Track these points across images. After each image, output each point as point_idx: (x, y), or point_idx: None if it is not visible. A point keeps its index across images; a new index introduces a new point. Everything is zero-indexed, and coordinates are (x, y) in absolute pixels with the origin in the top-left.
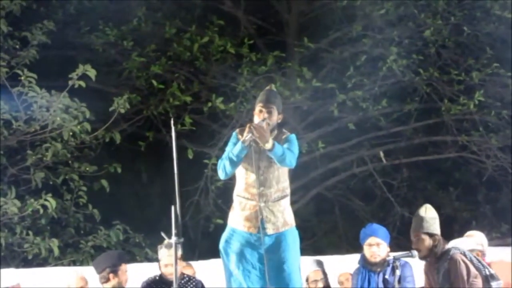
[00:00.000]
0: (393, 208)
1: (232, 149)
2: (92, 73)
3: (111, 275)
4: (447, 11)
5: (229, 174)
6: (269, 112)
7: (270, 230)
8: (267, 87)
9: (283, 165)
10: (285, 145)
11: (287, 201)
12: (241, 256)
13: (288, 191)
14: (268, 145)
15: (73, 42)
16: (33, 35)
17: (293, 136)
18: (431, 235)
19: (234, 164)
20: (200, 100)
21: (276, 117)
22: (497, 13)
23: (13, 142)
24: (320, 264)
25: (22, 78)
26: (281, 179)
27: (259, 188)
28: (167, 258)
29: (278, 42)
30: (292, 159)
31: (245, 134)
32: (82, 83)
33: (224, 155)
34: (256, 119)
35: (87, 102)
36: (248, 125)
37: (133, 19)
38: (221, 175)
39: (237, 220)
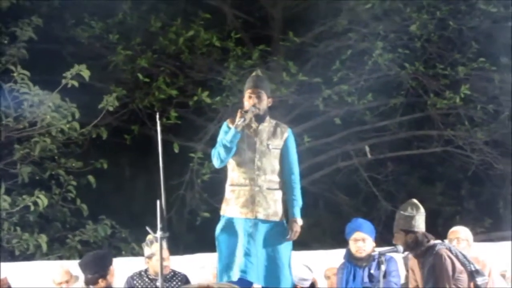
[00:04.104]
0: (378, 202)
1: (225, 136)
2: (86, 73)
3: (100, 280)
4: (432, 6)
5: (225, 162)
6: (258, 97)
7: (260, 214)
8: (254, 73)
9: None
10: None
11: (279, 194)
12: (235, 245)
13: (281, 185)
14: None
15: (58, 36)
16: (22, 31)
17: (292, 139)
18: (407, 232)
19: (228, 150)
20: (185, 94)
21: (265, 102)
22: (481, 7)
23: (2, 137)
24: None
25: (15, 74)
26: (275, 169)
27: (255, 172)
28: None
29: (263, 36)
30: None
31: (237, 119)
32: (75, 83)
33: (218, 143)
34: (246, 105)
35: (72, 96)
36: (239, 110)
37: (118, 13)
38: (216, 163)
39: (233, 209)
